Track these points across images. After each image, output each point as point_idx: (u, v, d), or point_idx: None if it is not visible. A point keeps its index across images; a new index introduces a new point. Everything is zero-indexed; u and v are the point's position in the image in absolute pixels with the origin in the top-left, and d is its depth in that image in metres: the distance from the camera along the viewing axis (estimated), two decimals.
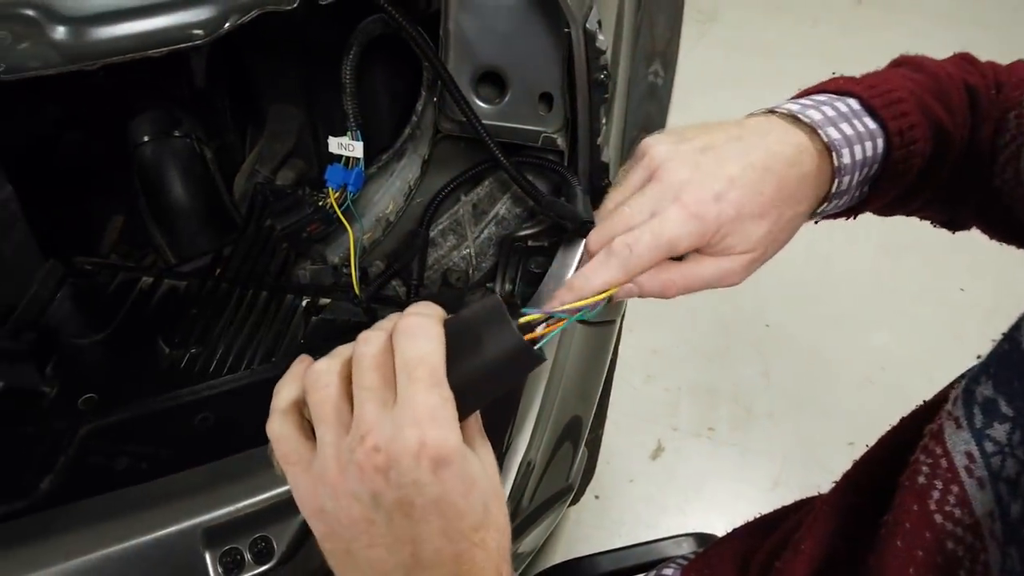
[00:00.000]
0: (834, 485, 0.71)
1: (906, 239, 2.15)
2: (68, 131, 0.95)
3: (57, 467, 0.67)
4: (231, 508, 0.62)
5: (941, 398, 0.58)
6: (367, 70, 0.88)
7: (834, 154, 0.56)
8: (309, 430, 0.46)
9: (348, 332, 0.78)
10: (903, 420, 0.67)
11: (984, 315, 2.04)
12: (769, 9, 3.13)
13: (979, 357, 0.52)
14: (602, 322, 1.00)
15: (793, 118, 0.58)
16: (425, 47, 0.81)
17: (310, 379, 0.45)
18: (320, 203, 0.78)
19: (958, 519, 0.49)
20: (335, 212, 0.78)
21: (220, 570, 0.60)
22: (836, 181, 0.56)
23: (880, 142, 0.59)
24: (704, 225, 0.53)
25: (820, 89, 0.65)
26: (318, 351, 0.75)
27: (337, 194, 0.78)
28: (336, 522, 0.43)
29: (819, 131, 0.56)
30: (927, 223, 0.74)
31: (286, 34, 0.87)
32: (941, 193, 0.68)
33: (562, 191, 0.87)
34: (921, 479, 0.52)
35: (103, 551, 0.60)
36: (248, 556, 0.61)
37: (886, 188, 0.62)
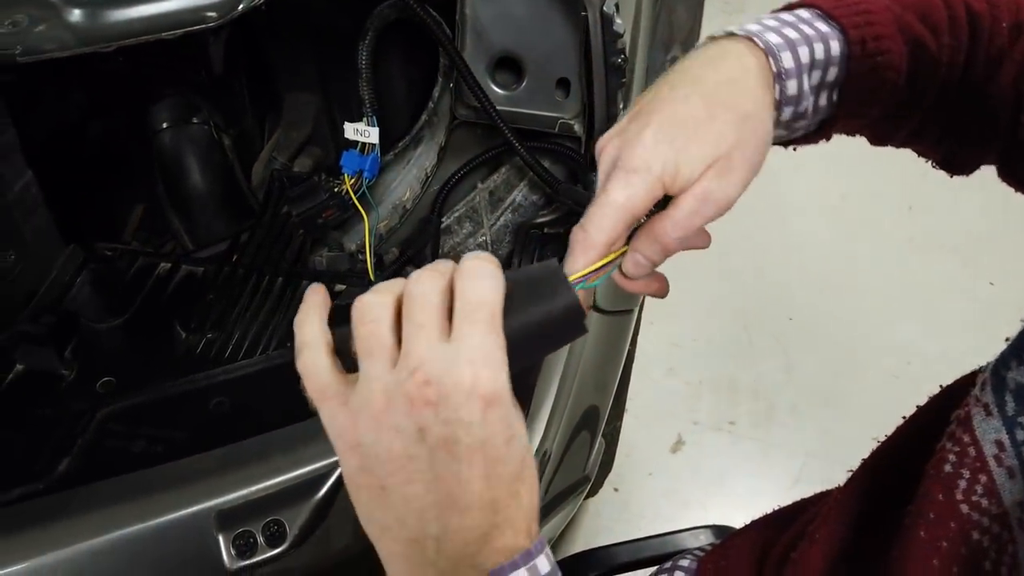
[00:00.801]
0: (851, 474, 0.70)
1: (934, 230, 2.12)
2: (90, 119, 0.97)
3: (75, 449, 0.68)
4: (244, 491, 0.62)
5: (965, 383, 0.57)
6: (383, 56, 0.87)
7: (770, 57, 0.54)
8: (340, 365, 0.45)
9: None
10: (924, 406, 0.65)
11: (1015, 310, 1.97)
12: None
13: (1007, 340, 0.50)
14: (619, 311, 0.99)
15: (730, 35, 0.56)
16: (441, 33, 0.80)
17: (358, 312, 0.43)
18: (336, 189, 0.78)
19: (985, 509, 0.48)
20: (351, 198, 0.78)
21: (233, 552, 0.61)
22: (778, 86, 0.54)
23: (835, 44, 0.56)
24: (643, 166, 0.50)
25: (785, 7, 0.61)
26: (333, 335, 0.76)
27: (353, 180, 0.78)
28: (374, 457, 0.42)
29: (754, 38, 0.54)
30: (957, 215, 0.72)
31: (303, 21, 0.87)
32: (931, 124, 0.64)
33: (578, 178, 0.86)
34: (947, 467, 0.51)
35: (118, 532, 0.61)
36: (261, 539, 0.61)
37: (856, 100, 0.59)
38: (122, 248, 0.82)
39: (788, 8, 0.59)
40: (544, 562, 0.43)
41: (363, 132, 0.78)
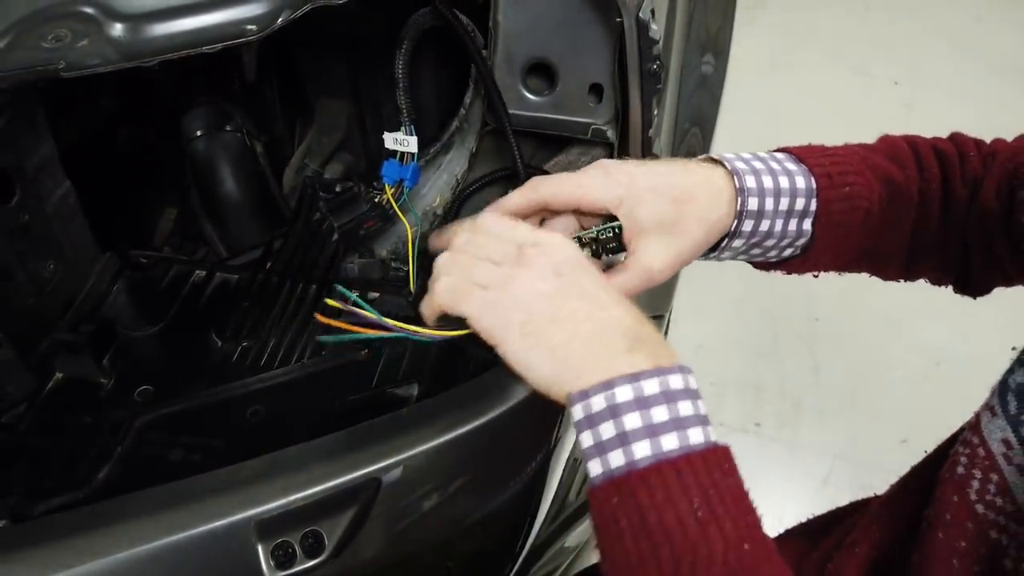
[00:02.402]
0: (890, 487, 0.70)
1: None
2: (121, 124, 0.97)
3: (114, 457, 0.68)
4: (283, 501, 0.62)
5: None
6: (415, 63, 0.87)
7: (735, 177, 0.62)
8: None
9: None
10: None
11: None
12: None
13: (1013, 348, 0.52)
14: (651, 317, 0.98)
15: (711, 159, 0.65)
16: (470, 42, 0.80)
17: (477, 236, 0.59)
18: (376, 199, 0.78)
19: (1000, 507, 0.50)
20: (392, 208, 0.78)
21: (272, 563, 0.61)
22: (739, 199, 0.62)
23: (801, 179, 0.64)
24: (613, 185, 0.60)
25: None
26: (367, 345, 0.76)
27: (393, 190, 0.78)
28: (530, 308, 0.55)
29: (724, 162, 0.63)
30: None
31: (334, 28, 0.87)
32: (928, 251, 0.71)
33: None
34: (960, 470, 0.53)
35: (158, 542, 0.61)
36: (299, 550, 0.61)
37: (833, 230, 0.65)
38: (157, 256, 0.83)
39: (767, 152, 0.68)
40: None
41: (402, 142, 0.77)
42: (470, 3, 0.86)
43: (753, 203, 0.62)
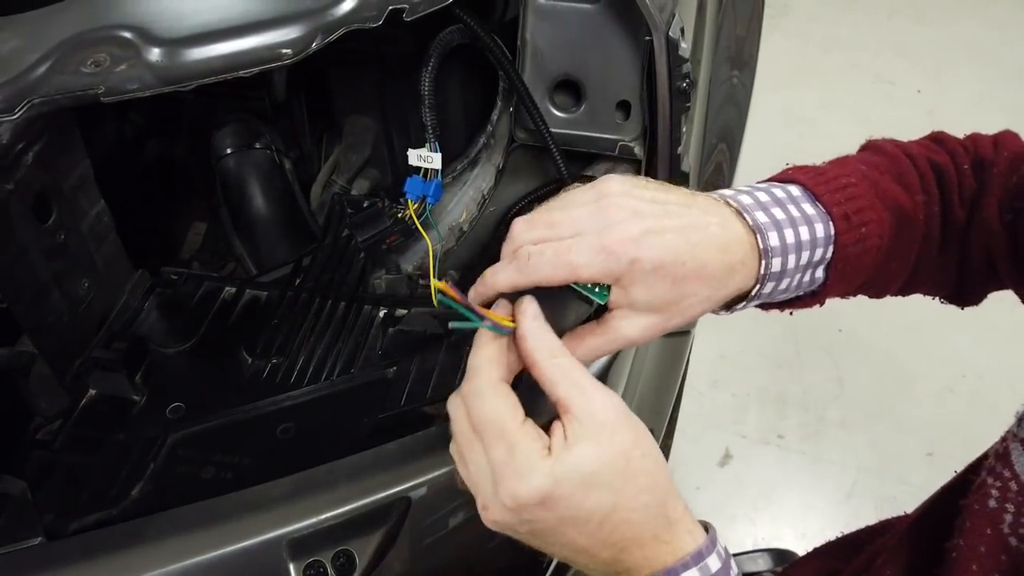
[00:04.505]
0: (916, 510, 0.70)
1: None
2: (151, 139, 0.98)
3: (147, 475, 0.69)
4: (315, 520, 0.63)
5: None
6: (441, 79, 0.88)
7: (758, 235, 0.56)
8: None
9: (425, 344, 0.78)
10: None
11: None
12: (842, 2, 3.04)
13: None
14: (677, 333, 0.98)
15: (732, 206, 0.58)
16: (502, 57, 0.80)
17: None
18: (399, 215, 0.79)
19: None
20: (414, 224, 0.78)
21: None
22: (763, 262, 0.57)
23: (820, 227, 0.59)
24: (613, 263, 0.52)
25: (771, 178, 0.65)
26: (396, 362, 0.76)
27: (416, 206, 0.78)
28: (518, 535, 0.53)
29: (745, 214, 0.57)
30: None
31: (363, 46, 0.88)
32: (927, 271, 0.69)
33: None
34: (992, 503, 0.52)
35: (192, 560, 0.61)
36: (331, 569, 0.62)
37: (847, 272, 0.62)
38: (187, 273, 0.84)
39: (779, 179, 0.63)
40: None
41: (426, 158, 0.78)
42: (498, 21, 0.86)
43: (777, 264, 0.57)
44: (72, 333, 0.74)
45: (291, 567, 0.61)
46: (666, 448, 1.45)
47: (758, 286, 0.57)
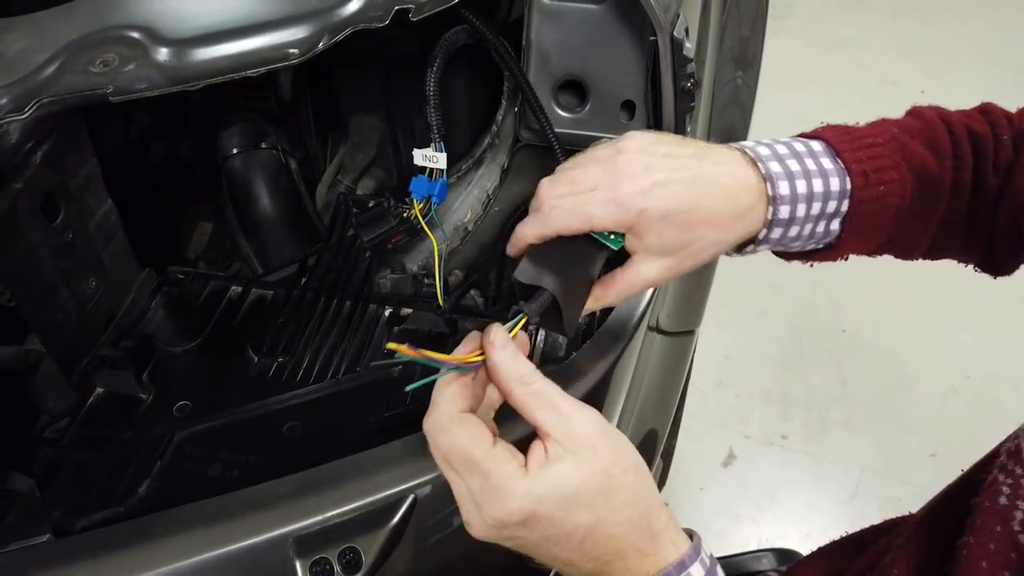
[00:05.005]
0: (923, 509, 0.70)
1: None
2: (157, 138, 0.99)
3: (153, 472, 0.69)
4: (321, 517, 0.63)
5: None
6: (446, 79, 0.88)
7: (768, 183, 0.60)
8: None
9: (430, 342, 0.78)
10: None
11: None
12: (846, 2, 3.04)
13: None
14: (682, 332, 0.98)
15: (747, 156, 0.62)
16: (507, 57, 0.81)
17: None
18: (404, 214, 0.79)
19: None
20: (419, 223, 0.78)
21: None
22: (771, 208, 0.60)
23: (835, 180, 0.62)
24: (623, 213, 0.57)
25: (801, 134, 0.69)
26: (401, 361, 0.76)
27: (421, 205, 0.78)
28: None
29: (759, 163, 0.61)
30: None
31: (370, 46, 0.88)
32: (954, 236, 0.70)
33: None
34: (1003, 500, 0.52)
35: (198, 557, 0.62)
36: (337, 566, 0.62)
37: (861, 228, 0.64)
38: (194, 272, 0.84)
39: (808, 135, 0.67)
40: None
41: (431, 158, 0.78)
42: (502, 21, 0.86)
43: (784, 211, 0.61)
44: (79, 331, 0.75)
45: (297, 564, 0.62)
46: (670, 448, 1.46)
47: (765, 231, 0.61)
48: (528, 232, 0.60)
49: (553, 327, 0.60)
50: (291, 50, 0.57)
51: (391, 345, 0.53)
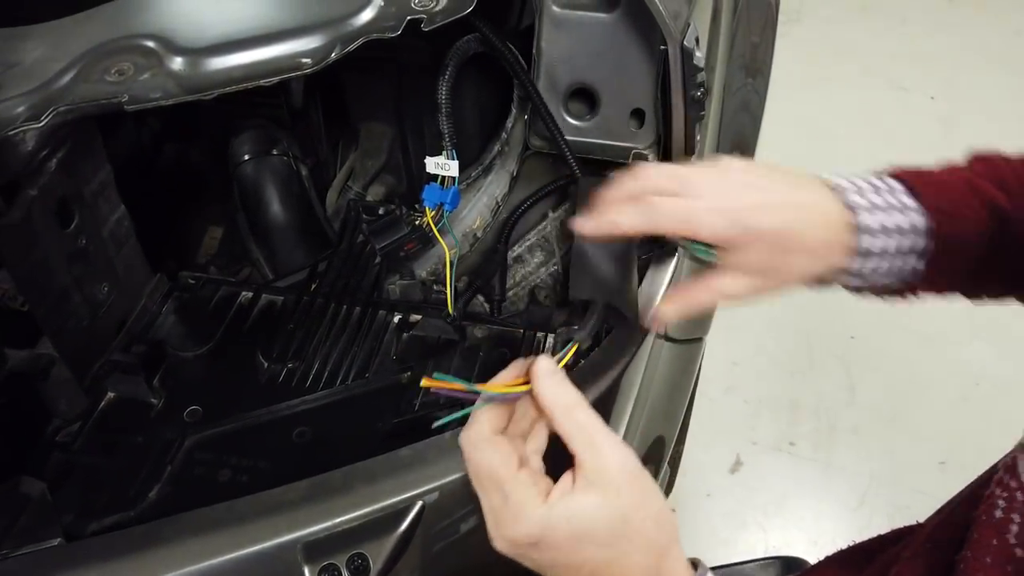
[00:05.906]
0: (930, 520, 0.70)
1: None
2: (168, 144, 1.00)
3: (164, 477, 0.70)
4: (329, 523, 0.63)
5: None
6: (457, 87, 0.88)
7: (853, 214, 0.60)
8: None
9: (439, 349, 0.79)
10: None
11: None
12: (855, 8, 3.03)
13: None
14: (690, 340, 0.98)
15: (830, 188, 0.63)
16: (517, 66, 0.81)
17: None
18: (416, 222, 0.79)
19: None
20: (431, 231, 0.79)
21: None
22: (856, 238, 0.60)
23: (915, 216, 0.62)
24: (731, 227, 0.57)
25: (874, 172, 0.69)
26: (410, 368, 0.77)
27: (433, 213, 0.79)
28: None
29: (842, 194, 0.61)
30: None
31: (382, 54, 0.89)
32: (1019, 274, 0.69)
33: None
34: (998, 513, 0.53)
35: (208, 562, 0.62)
36: (345, 572, 0.62)
37: (944, 264, 0.64)
38: (205, 277, 0.85)
39: (880, 174, 0.66)
40: None
41: (443, 166, 0.78)
42: (513, 30, 0.87)
43: (869, 242, 0.61)
44: (92, 336, 0.75)
45: (306, 570, 0.62)
46: (677, 454, 1.45)
47: (850, 261, 0.61)
48: (625, 221, 0.58)
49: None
50: (304, 60, 0.58)
51: (425, 383, 0.54)
